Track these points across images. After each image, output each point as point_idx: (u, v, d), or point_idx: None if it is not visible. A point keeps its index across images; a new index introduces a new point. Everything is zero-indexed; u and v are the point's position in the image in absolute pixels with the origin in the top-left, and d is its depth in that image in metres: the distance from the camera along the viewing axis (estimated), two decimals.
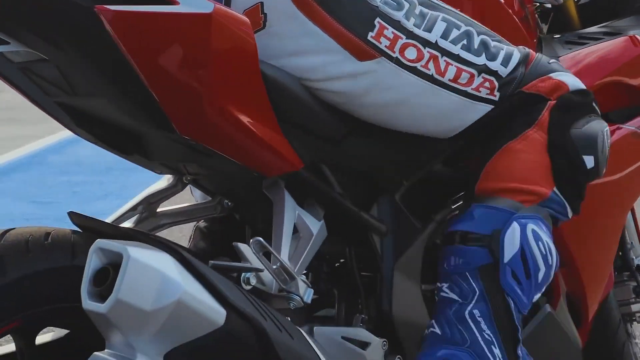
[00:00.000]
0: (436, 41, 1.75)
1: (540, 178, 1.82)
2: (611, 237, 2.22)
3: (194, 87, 1.51)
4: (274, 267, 1.52)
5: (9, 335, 1.49)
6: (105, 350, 1.32)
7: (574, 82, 1.88)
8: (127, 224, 1.84)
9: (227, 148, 1.61)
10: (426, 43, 1.74)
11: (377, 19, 1.70)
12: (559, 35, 2.27)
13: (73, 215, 1.56)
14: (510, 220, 1.76)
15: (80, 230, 1.54)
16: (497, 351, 1.73)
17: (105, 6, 1.43)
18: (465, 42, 1.78)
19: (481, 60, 1.79)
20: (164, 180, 1.88)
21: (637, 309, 2.47)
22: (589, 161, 1.84)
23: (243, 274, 1.47)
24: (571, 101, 1.86)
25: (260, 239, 1.51)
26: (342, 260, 1.93)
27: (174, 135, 1.56)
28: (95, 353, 1.30)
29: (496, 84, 1.81)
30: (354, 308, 1.84)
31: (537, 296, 1.81)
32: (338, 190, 1.78)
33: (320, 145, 1.73)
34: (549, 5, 2.37)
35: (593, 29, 2.32)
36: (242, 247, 1.49)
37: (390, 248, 1.84)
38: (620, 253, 2.51)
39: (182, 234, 2.89)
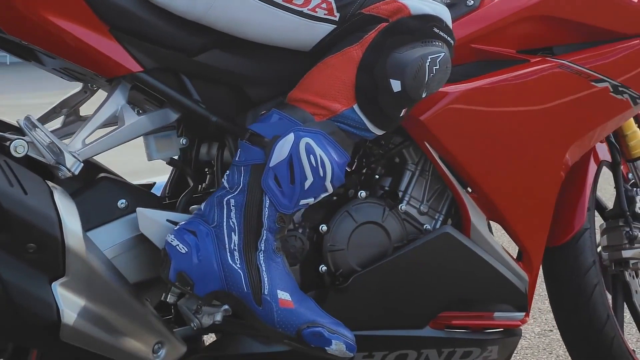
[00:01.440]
0: None
1: (339, 94, 1.93)
2: (541, 167, 2.23)
3: None
4: (48, 141, 1.82)
5: None
6: None
7: (417, 7, 1.95)
8: (56, 124, 2.20)
9: (58, 49, 1.91)
10: None
11: None
12: None
13: None
14: (290, 131, 1.91)
15: None
16: (235, 238, 1.90)
17: None
18: None
19: None
20: (79, 87, 2.22)
21: (629, 255, 2.45)
22: (396, 85, 1.92)
23: (13, 143, 1.79)
24: (405, 25, 1.94)
25: (31, 116, 1.82)
26: None
27: (8, 37, 1.91)
28: None
29: (333, 5, 1.95)
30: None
31: (308, 201, 1.93)
32: (196, 97, 2.02)
33: (168, 55, 1.96)
34: None
35: None
36: (20, 121, 1.81)
37: None
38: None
39: None
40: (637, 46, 2.29)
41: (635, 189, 2.51)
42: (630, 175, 2.53)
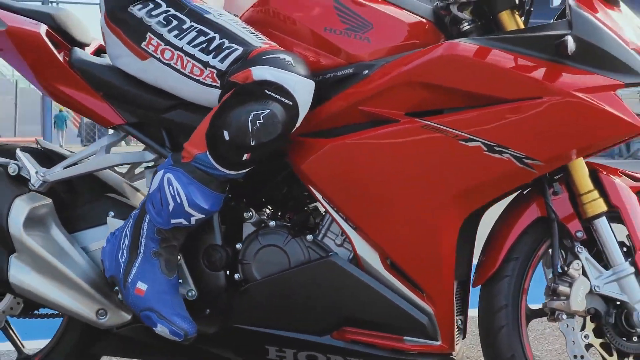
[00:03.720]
0: (182, 46, 2.69)
1: (198, 142, 2.60)
2: (417, 216, 2.58)
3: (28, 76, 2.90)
4: (26, 167, 2.83)
5: None
6: None
7: (260, 74, 2.53)
8: None
9: (75, 108, 2.90)
10: (176, 48, 2.70)
11: (148, 33, 2.74)
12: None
13: None
14: (161, 168, 2.65)
15: None
16: (127, 240, 2.69)
17: None
18: (204, 45, 2.66)
19: (207, 58, 2.66)
20: None
21: (553, 306, 2.61)
22: (226, 134, 2.54)
23: (10, 166, 2.83)
24: (247, 89, 2.55)
25: (20, 149, 2.84)
26: None
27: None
28: None
29: (215, 74, 2.64)
30: None
31: (178, 220, 2.61)
32: (167, 144, 2.84)
33: (144, 112, 2.83)
34: None
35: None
36: (17, 152, 2.85)
37: None
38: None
39: None
40: (515, 108, 2.47)
41: (577, 246, 2.61)
42: (579, 234, 2.62)
